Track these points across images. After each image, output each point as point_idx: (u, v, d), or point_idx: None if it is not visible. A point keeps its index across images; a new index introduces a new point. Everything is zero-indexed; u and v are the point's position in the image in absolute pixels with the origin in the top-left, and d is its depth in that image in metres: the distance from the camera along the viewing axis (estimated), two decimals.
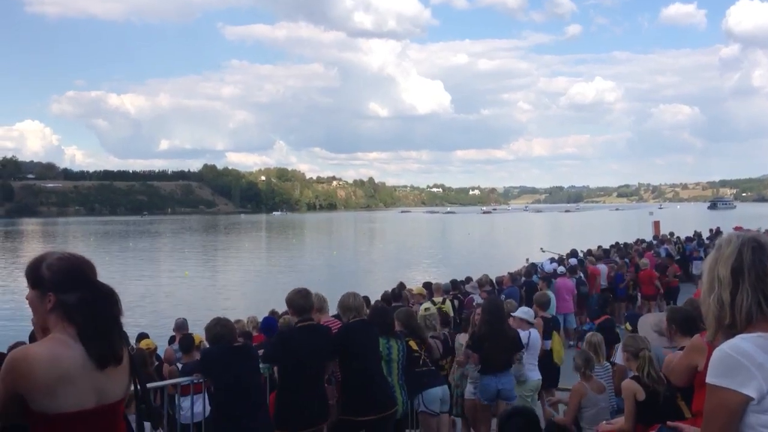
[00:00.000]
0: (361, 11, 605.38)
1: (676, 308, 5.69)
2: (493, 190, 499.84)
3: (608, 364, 7.37)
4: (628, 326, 7.67)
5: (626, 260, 18.18)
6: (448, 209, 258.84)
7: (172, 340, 10.49)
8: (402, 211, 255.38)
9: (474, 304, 11.56)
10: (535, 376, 7.86)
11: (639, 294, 16.67)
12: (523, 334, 7.67)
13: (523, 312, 8.24)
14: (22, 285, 2.69)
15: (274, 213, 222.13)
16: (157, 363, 8.63)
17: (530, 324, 8.09)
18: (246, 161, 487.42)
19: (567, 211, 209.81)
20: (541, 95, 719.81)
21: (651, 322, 6.39)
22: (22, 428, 2.60)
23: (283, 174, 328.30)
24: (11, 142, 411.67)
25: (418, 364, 6.80)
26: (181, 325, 10.42)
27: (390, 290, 13.55)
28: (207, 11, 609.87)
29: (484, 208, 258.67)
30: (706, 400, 2.11)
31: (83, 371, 2.50)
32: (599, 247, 21.31)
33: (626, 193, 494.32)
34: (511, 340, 7.40)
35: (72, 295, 2.55)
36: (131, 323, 21.19)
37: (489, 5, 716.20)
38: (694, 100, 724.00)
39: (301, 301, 5.78)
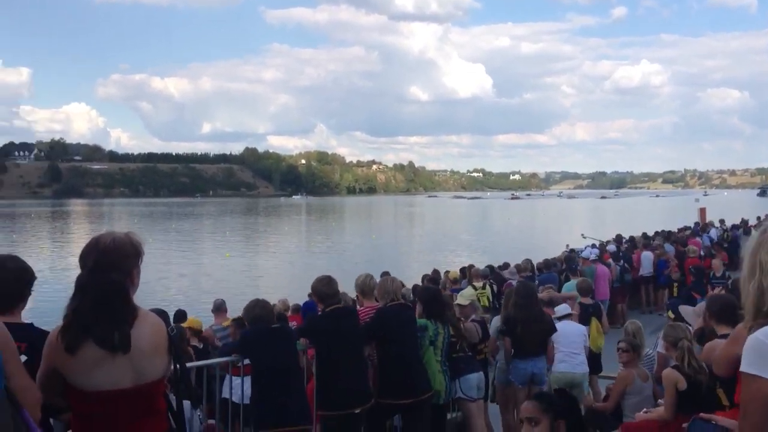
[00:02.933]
0: None
1: (715, 296, 5.57)
2: (534, 175, 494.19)
3: (650, 351, 7.25)
4: (671, 314, 7.49)
5: (671, 247, 17.82)
6: (474, 194, 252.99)
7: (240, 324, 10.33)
8: (429, 196, 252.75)
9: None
10: (565, 368, 7.58)
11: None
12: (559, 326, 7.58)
13: (560, 310, 8.10)
14: (74, 263, 2.76)
15: (294, 197, 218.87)
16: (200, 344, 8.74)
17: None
18: (287, 144, 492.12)
19: (603, 197, 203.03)
20: (585, 79, 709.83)
21: (693, 308, 6.25)
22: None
23: (323, 157, 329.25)
24: (59, 125, 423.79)
25: (455, 349, 6.79)
26: (219, 306, 10.57)
27: (425, 275, 13.53)
28: None
29: (513, 193, 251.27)
30: (741, 390, 2.05)
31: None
32: (643, 233, 20.92)
33: (671, 179, 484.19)
34: (545, 324, 7.33)
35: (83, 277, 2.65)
36: (172, 302, 21.63)
37: None
38: (744, 84, 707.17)
39: (324, 288, 5.85)
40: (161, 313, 2.89)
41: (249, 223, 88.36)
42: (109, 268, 2.61)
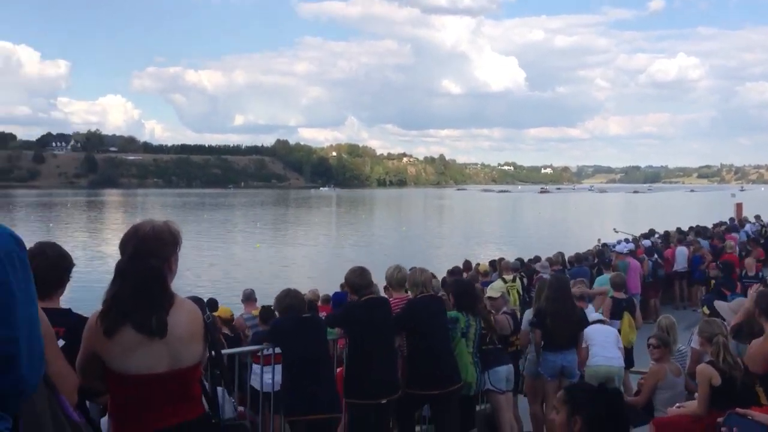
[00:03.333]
0: None
1: (765, 291, 5.45)
2: (566, 168, 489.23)
3: (683, 347, 7.16)
4: (705, 310, 7.40)
5: (706, 243, 17.55)
6: (503, 188, 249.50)
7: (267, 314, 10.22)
8: (458, 189, 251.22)
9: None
10: (601, 361, 7.45)
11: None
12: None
13: (591, 316, 7.99)
14: (112, 249, 2.83)
15: (321, 189, 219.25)
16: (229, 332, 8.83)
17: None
18: (318, 137, 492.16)
19: (636, 191, 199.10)
20: (620, 72, 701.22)
21: (729, 304, 6.15)
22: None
23: (354, 150, 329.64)
24: (95, 116, 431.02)
25: (484, 342, 6.79)
26: (249, 296, 10.67)
27: (454, 267, 13.48)
28: None
29: (542, 186, 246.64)
30: None
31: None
32: (678, 228, 20.63)
33: (707, 173, 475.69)
34: (576, 318, 7.28)
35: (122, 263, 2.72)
36: (203, 291, 21.89)
37: None
38: None
39: (357, 279, 5.87)
40: (198, 301, 2.94)
41: (279, 214, 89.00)
42: (148, 255, 2.66)
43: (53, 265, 3.17)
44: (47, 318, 3.07)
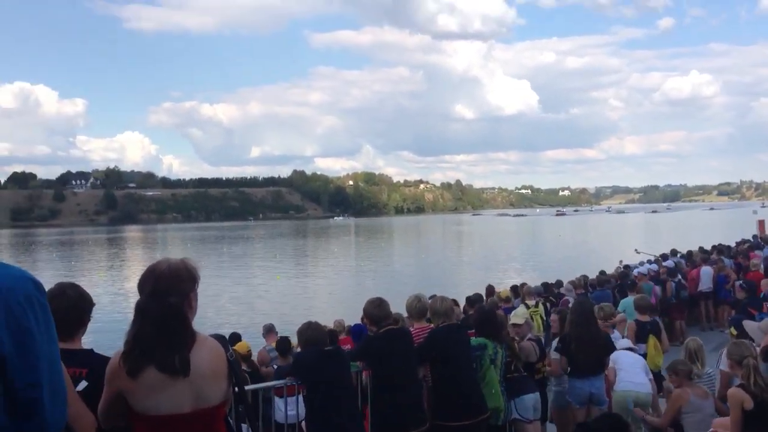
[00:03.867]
0: (446, 14, 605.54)
1: None
2: (584, 190, 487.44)
3: (710, 370, 7.01)
4: (733, 331, 7.25)
5: (730, 261, 17.29)
6: (518, 212, 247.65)
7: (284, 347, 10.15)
8: (474, 214, 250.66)
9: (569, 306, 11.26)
10: (631, 386, 7.23)
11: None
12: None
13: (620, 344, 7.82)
14: (130, 289, 2.83)
15: (336, 218, 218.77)
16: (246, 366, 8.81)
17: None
18: (334, 166, 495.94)
19: (654, 211, 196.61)
20: (633, 91, 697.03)
21: (759, 324, 6.04)
22: None
23: (370, 178, 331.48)
24: (113, 153, 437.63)
25: (509, 369, 6.69)
26: (270, 329, 10.74)
27: (474, 294, 13.35)
28: (294, 20, 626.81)
29: (558, 209, 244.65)
30: None
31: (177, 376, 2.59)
32: (700, 248, 20.36)
33: (727, 191, 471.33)
34: (602, 342, 7.16)
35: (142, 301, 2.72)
36: (226, 325, 21.90)
37: (577, 1, 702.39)
38: None
39: (375, 311, 5.84)
40: (220, 338, 2.90)
41: (298, 245, 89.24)
42: (167, 293, 2.66)
43: (73, 306, 3.18)
44: (69, 359, 3.09)
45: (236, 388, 2.82)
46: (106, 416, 2.73)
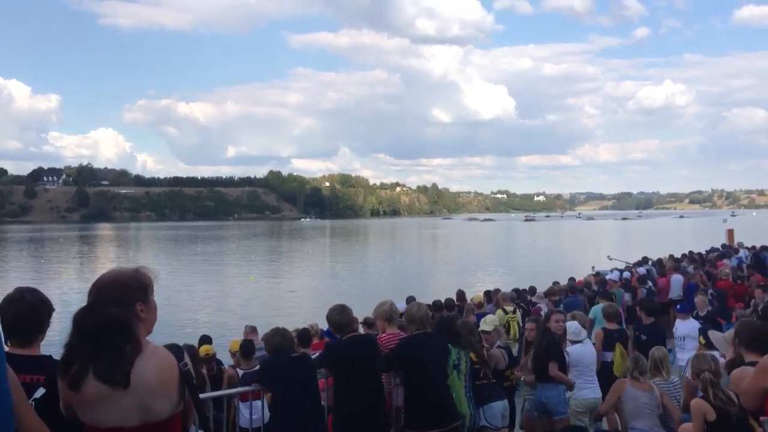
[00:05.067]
0: (424, 18, 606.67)
1: (746, 322, 5.43)
2: (558, 196, 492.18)
3: (676, 378, 7.12)
4: (701, 339, 7.33)
5: (701, 269, 17.50)
6: (486, 216, 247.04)
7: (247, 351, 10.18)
8: (444, 218, 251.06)
9: (541, 313, 11.33)
10: (589, 394, 7.56)
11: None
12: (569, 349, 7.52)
13: (572, 332, 7.99)
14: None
15: (302, 220, 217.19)
16: (215, 369, 8.75)
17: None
18: (310, 167, 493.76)
19: (625, 218, 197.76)
20: (608, 100, 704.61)
21: (723, 335, 6.11)
22: None
23: (346, 180, 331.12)
24: (87, 150, 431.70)
25: (478, 376, 6.69)
26: (252, 331, 10.62)
27: (445, 299, 13.31)
28: (272, 20, 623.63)
29: (527, 215, 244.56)
30: None
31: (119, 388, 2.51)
32: (671, 255, 20.62)
33: (698, 199, 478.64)
34: (552, 353, 7.25)
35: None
36: (197, 326, 21.72)
37: (554, 9, 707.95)
38: None
39: (338, 317, 5.83)
40: (174, 348, 2.82)
41: (273, 246, 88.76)
42: (111, 303, 2.59)
43: (32, 311, 3.11)
44: (26, 366, 3.02)
45: (191, 398, 2.75)
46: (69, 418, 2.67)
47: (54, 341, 3.21)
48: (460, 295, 14.69)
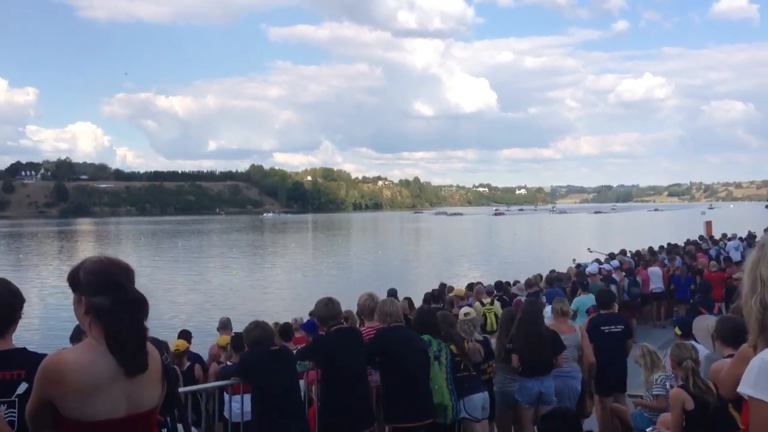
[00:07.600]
0: (406, 11, 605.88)
1: (725, 318, 5.48)
2: (540, 189, 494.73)
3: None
4: (677, 330, 7.36)
5: (680, 261, 17.63)
6: (455, 210, 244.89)
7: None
8: (415, 212, 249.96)
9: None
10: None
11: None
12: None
13: (548, 317, 8.04)
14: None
15: (264, 215, 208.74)
16: (189, 363, 8.67)
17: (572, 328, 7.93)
18: (292, 161, 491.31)
19: (597, 212, 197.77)
20: (589, 93, 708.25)
21: (708, 325, 6.14)
22: None
23: (329, 174, 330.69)
24: (65, 144, 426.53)
25: (459, 369, 6.70)
26: (225, 324, 10.56)
27: (431, 291, 13.43)
28: (251, 13, 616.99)
29: (497, 209, 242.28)
30: (750, 415, 1.97)
31: (114, 378, 2.47)
32: (649, 248, 20.79)
33: (677, 192, 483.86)
34: (549, 341, 7.24)
35: (102, 298, 2.52)
36: (177, 321, 21.56)
37: (534, 2, 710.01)
38: (749, 96, 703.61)
39: (324, 310, 5.82)
40: (157, 342, 2.80)
41: (255, 240, 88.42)
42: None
43: (3, 303, 3.03)
44: (1, 361, 2.95)
45: (171, 391, 2.74)
46: (36, 423, 2.59)
47: (24, 336, 3.15)
48: (442, 288, 14.75)
